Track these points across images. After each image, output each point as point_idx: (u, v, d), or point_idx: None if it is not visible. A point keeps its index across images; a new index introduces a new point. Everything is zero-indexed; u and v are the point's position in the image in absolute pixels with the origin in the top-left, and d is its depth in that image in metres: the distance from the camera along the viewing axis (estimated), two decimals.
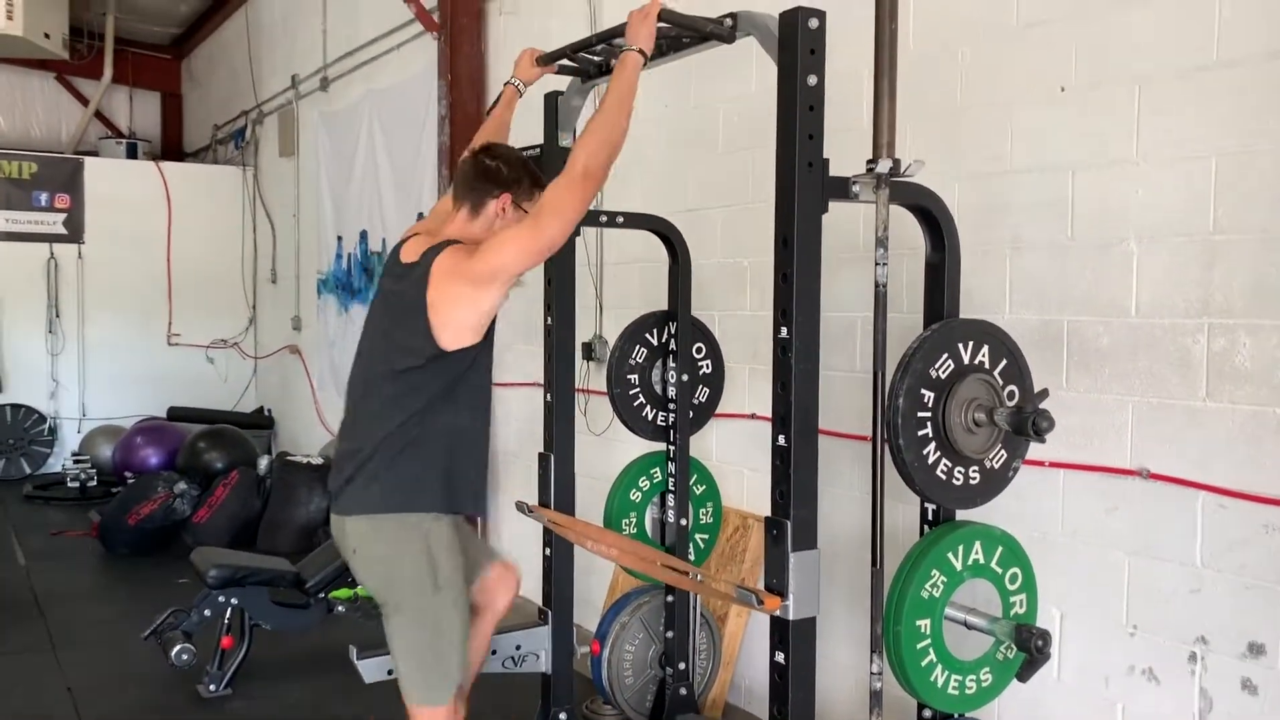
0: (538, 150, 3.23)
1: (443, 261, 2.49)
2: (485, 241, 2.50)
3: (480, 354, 2.58)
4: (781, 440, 2.30)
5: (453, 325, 2.49)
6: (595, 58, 2.88)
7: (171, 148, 11.49)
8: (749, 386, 3.91)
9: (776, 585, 2.31)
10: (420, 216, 6.39)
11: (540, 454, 3.30)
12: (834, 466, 3.61)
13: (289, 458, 6.58)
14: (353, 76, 7.31)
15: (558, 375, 3.20)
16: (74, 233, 9.05)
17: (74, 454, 8.36)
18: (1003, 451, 2.50)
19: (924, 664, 2.40)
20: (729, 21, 2.44)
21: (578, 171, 2.37)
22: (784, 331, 2.27)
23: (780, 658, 2.32)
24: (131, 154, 10.26)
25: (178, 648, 3.93)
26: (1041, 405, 2.36)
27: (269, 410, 9.26)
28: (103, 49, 10.37)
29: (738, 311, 3.94)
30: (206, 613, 4.05)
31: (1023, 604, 2.54)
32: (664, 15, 2.44)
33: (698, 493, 3.59)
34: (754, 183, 3.93)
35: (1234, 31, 2.50)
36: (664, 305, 3.52)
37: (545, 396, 3.29)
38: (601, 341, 4.81)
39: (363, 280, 7.30)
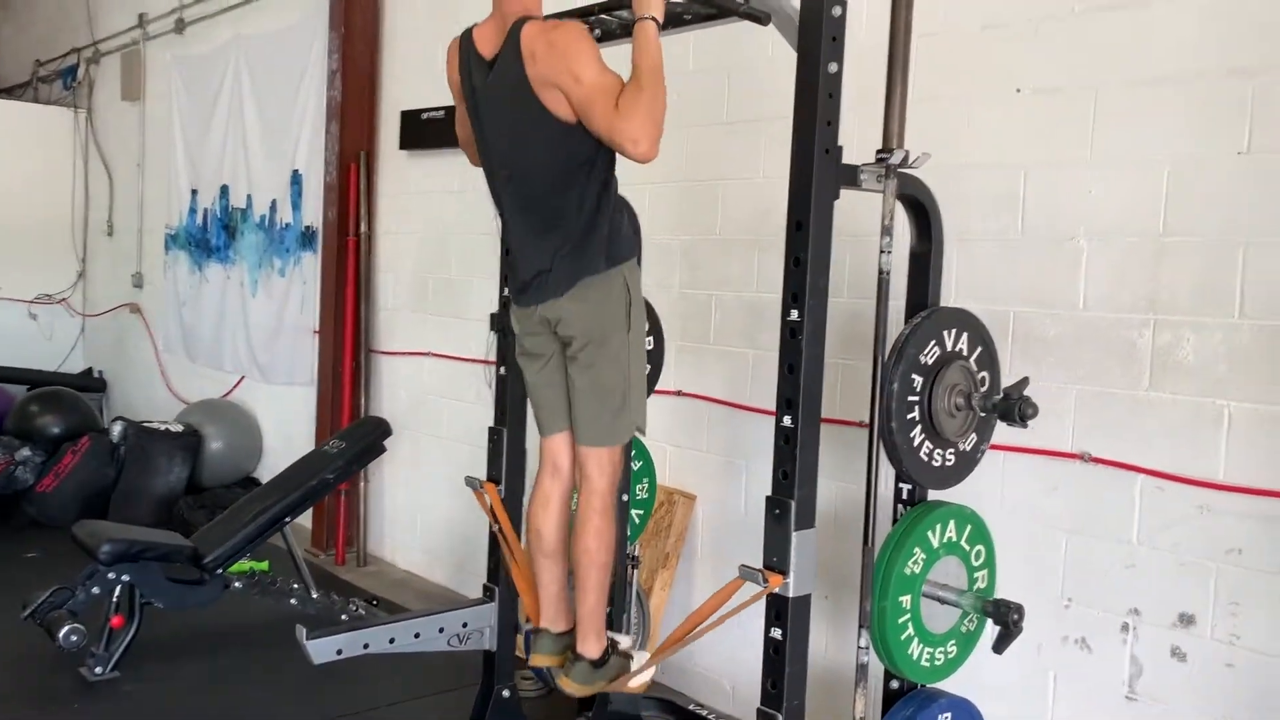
0: None
1: (527, 44, 2.45)
2: (562, 42, 2.42)
3: None
4: (787, 421, 2.33)
5: (562, 100, 2.46)
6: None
7: None
8: (675, 363, 3.93)
9: (778, 563, 2.36)
10: (296, 174, 6.11)
11: (491, 428, 3.23)
12: (767, 442, 3.64)
13: (146, 424, 6.17)
14: (216, 20, 6.87)
15: (513, 350, 3.13)
16: None
17: None
18: (974, 435, 2.63)
19: (903, 638, 2.50)
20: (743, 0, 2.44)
21: (627, 140, 2.36)
22: (794, 314, 2.29)
23: (777, 634, 2.37)
24: None
25: (66, 628, 3.64)
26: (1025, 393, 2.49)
27: (100, 372, 8.63)
28: None
29: (667, 289, 3.96)
30: (94, 590, 3.78)
31: (984, 579, 2.69)
32: None
33: (635, 468, 3.59)
34: (688, 162, 3.95)
35: (1192, 49, 2.68)
36: None
37: (498, 369, 3.22)
38: None
39: (222, 238, 6.91)
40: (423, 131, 5.16)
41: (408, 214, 5.44)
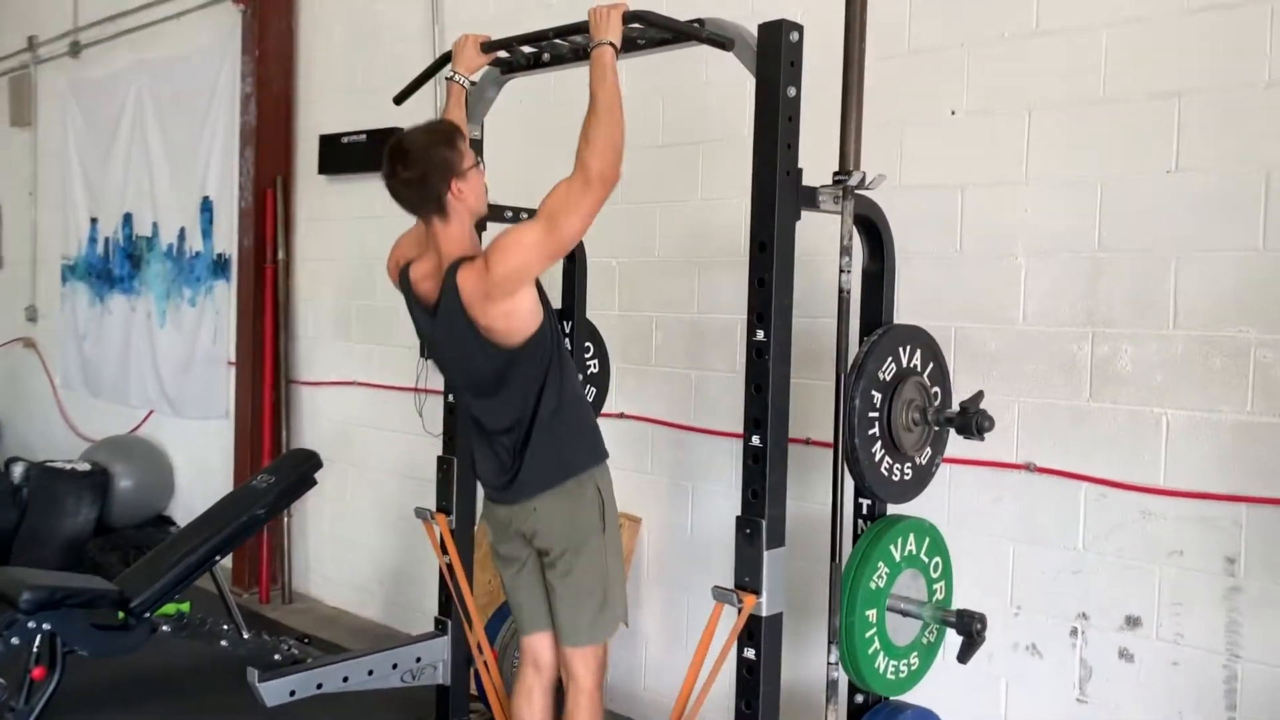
0: None
1: (467, 291, 2.47)
2: (499, 249, 2.42)
3: (552, 324, 2.62)
4: (756, 441, 2.34)
5: (515, 328, 2.50)
6: (528, 49, 2.81)
7: None
8: (618, 385, 3.92)
9: (750, 583, 2.36)
10: (206, 201, 5.93)
11: (440, 457, 3.18)
12: (712, 462, 3.71)
13: (49, 464, 5.89)
14: (115, 44, 6.65)
15: None
16: None
17: None
18: (929, 449, 2.68)
19: (870, 652, 2.53)
20: (696, 26, 2.46)
21: (593, 175, 2.37)
22: (760, 334, 2.32)
23: (751, 654, 2.38)
24: None
25: None
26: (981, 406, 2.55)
27: None
28: None
29: (607, 311, 3.95)
30: (14, 641, 3.57)
31: (942, 590, 2.74)
32: (639, 16, 2.43)
33: None
34: (624, 184, 3.90)
35: (1118, 72, 2.80)
36: None
37: (445, 398, 3.17)
38: None
39: (126, 268, 6.66)
40: (343, 156, 5.07)
41: (328, 240, 5.33)
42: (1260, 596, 2.61)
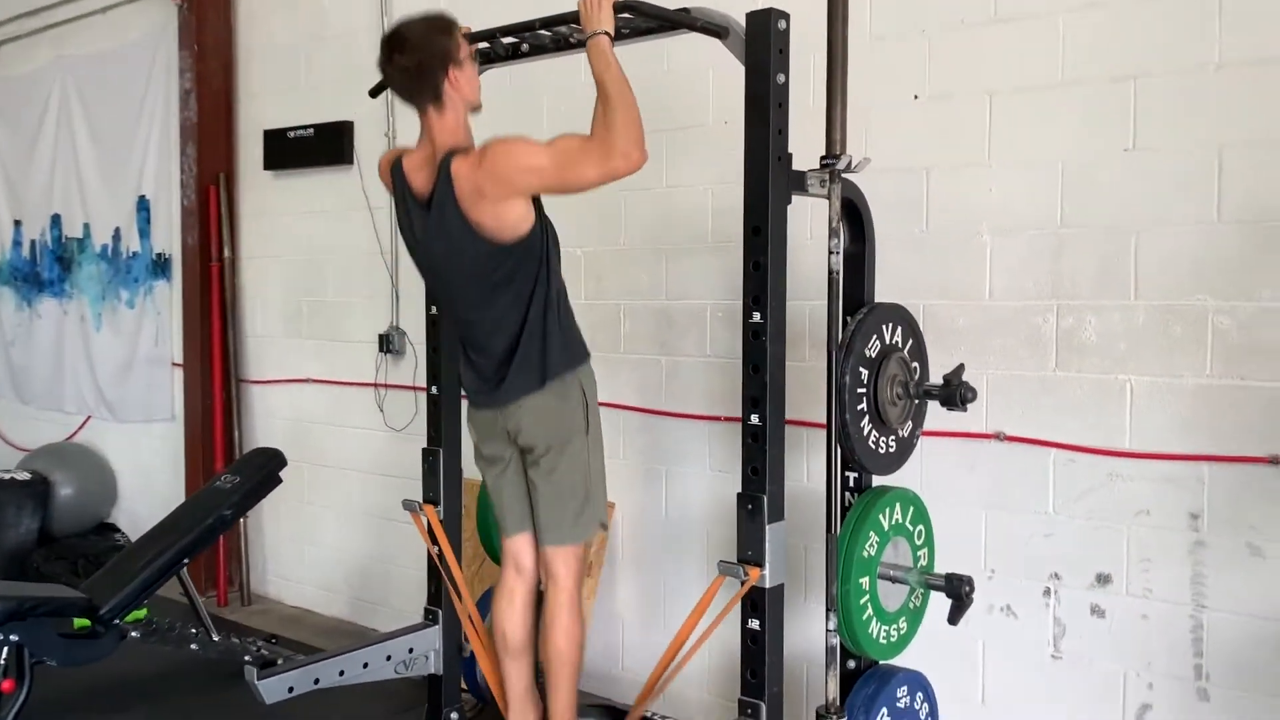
0: None
1: (461, 182, 2.48)
2: (501, 147, 2.46)
3: (544, 227, 2.66)
4: (755, 419, 2.41)
5: (505, 226, 2.53)
6: (509, 39, 2.83)
7: None
8: None
9: (753, 556, 2.43)
10: (143, 200, 5.80)
11: (425, 449, 3.19)
12: (686, 447, 3.78)
13: None
14: (34, 40, 6.45)
15: (445, 368, 3.11)
16: None
17: None
18: (910, 422, 2.79)
19: (864, 618, 2.62)
20: (686, 15, 2.51)
21: (616, 150, 2.39)
22: (756, 316, 2.39)
23: (755, 624, 2.45)
24: None
25: None
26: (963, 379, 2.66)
27: None
28: None
29: (574, 300, 3.96)
30: None
31: (925, 556, 2.85)
32: (630, 5, 2.47)
33: None
34: None
35: (1076, 56, 2.93)
36: None
37: (430, 389, 3.18)
38: (399, 333, 4.64)
39: (55, 271, 6.48)
40: (289, 151, 5.01)
41: (275, 236, 5.26)
42: (1223, 550, 2.77)
